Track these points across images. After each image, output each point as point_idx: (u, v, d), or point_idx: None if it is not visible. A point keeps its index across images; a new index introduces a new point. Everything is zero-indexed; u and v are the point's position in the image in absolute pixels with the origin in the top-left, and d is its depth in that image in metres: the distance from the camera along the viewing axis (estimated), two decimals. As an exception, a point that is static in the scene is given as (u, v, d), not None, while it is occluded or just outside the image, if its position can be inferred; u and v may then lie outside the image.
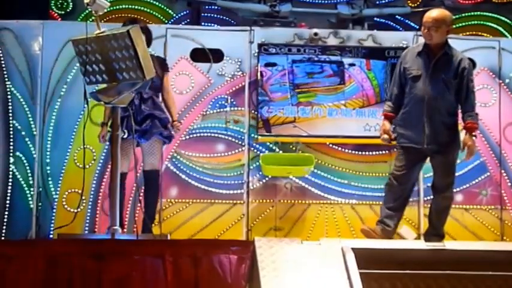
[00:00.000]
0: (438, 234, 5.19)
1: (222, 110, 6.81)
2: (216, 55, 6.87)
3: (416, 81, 5.16)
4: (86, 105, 4.67)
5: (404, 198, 5.27)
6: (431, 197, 5.35)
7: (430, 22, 5.18)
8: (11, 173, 6.59)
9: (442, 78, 5.14)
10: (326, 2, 7.82)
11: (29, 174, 6.59)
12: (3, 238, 6.45)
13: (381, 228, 5.14)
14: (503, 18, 7.99)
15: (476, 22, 8.01)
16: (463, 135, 5.22)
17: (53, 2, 7.71)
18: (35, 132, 6.62)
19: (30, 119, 6.64)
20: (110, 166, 4.86)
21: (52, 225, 6.48)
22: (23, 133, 6.63)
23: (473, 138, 5.16)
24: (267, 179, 6.79)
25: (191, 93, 6.80)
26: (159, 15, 7.84)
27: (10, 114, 6.64)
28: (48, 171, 6.60)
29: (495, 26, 7.98)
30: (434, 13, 5.26)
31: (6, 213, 6.55)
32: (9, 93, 6.65)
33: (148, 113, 5.55)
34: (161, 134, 5.64)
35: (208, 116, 6.81)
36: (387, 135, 5.25)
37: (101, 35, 4.46)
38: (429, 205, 5.42)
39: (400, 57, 5.37)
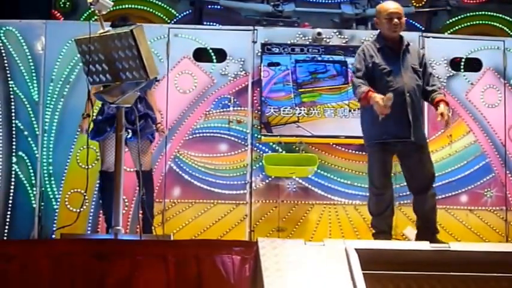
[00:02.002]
0: (434, 233, 5.14)
1: (225, 109, 6.80)
2: (219, 55, 6.86)
3: (391, 75, 5.04)
4: (89, 105, 4.67)
5: (393, 201, 5.22)
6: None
7: (399, 13, 5.11)
8: (13, 172, 6.59)
9: (413, 68, 5.09)
10: (330, 1, 7.80)
11: (32, 174, 6.59)
12: (5, 238, 6.44)
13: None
14: (508, 18, 7.97)
15: (481, 22, 7.99)
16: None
17: (55, 1, 7.71)
18: (37, 132, 6.62)
19: (33, 118, 6.64)
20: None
21: (54, 225, 6.48)
22: (26, 133, 6.63)
23: None
24: (270, 179, 6.78)
25: (194, 93, 6.79)
26: (162, 15, 7.83)
27: (13, 114, 6.64)
28: (51, 171, 6.59)
29: (500, 26, 7.96)
30: (395, 3, 5.20)
31: (9, 213, 6.55)
32: (11, 92, 6.66)
33: (144, 113, 5.57)
34: (152, 134, 5.68)
35: (211, 116, 6.80)
36: (386, 98, 4.89)
37: (104, 34, 4.45)
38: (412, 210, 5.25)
39: (360, 54, 5.12)
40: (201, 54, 6.88)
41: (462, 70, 7.03)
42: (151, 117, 5.65)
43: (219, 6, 7.72)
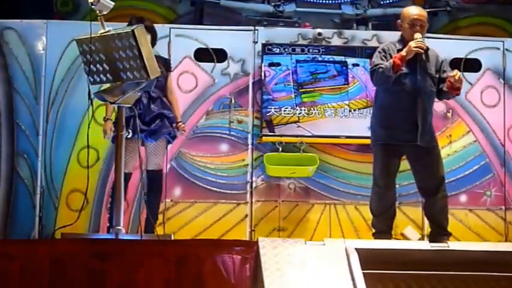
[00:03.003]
0: (447, 234, 5.14)
1: (225, 109, 6.81)
2: (219, 55, 6.87)
3: (406, 78, 5.06)
4: (90, 105, 4.67)
5: (395, 202, 5.23)
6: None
7: (422, 20, 5.15)
8: (14, 172, 6.59)
9: (429, 74, 5.10)
10: (330, 2, 7.80)
11: (32, 174, 6.59)
12: (6, 238, 6.45)
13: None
14: (507, 19, 7.97)
15: (480, 23, 7.99)
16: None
17: (56, 1, 7.71)
18: (38, 132, 6.62)
19: (34, 118, 6.64)
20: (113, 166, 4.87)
21: (55, 225, 6.48)
22: (27, 132, 6.63)
23: None
24: (270, 179, 6.78)
25: (195, 93, 6.80)
26: (163, 15, 7.84)
27: (14, 114, 6.64)
28: (52, 171, 6.59)
29: (500, 26, 7.97)
30: (420, 9, 5.26)
31: (10, 212, 6.55)
32: (12, 92, 6.65)
33: (158, 113, 5.57)
34: (169, 134, 5.67)
35: (212, 116, 6.81)
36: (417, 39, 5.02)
37: (105, 34, 4.45)
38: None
39: (381, 51, 5.18)
40: (201, 54, 6.88)
41: (462, 70, 7.03)
42: (168, 116, 5.63)
43: (219, 7, 7.72)
